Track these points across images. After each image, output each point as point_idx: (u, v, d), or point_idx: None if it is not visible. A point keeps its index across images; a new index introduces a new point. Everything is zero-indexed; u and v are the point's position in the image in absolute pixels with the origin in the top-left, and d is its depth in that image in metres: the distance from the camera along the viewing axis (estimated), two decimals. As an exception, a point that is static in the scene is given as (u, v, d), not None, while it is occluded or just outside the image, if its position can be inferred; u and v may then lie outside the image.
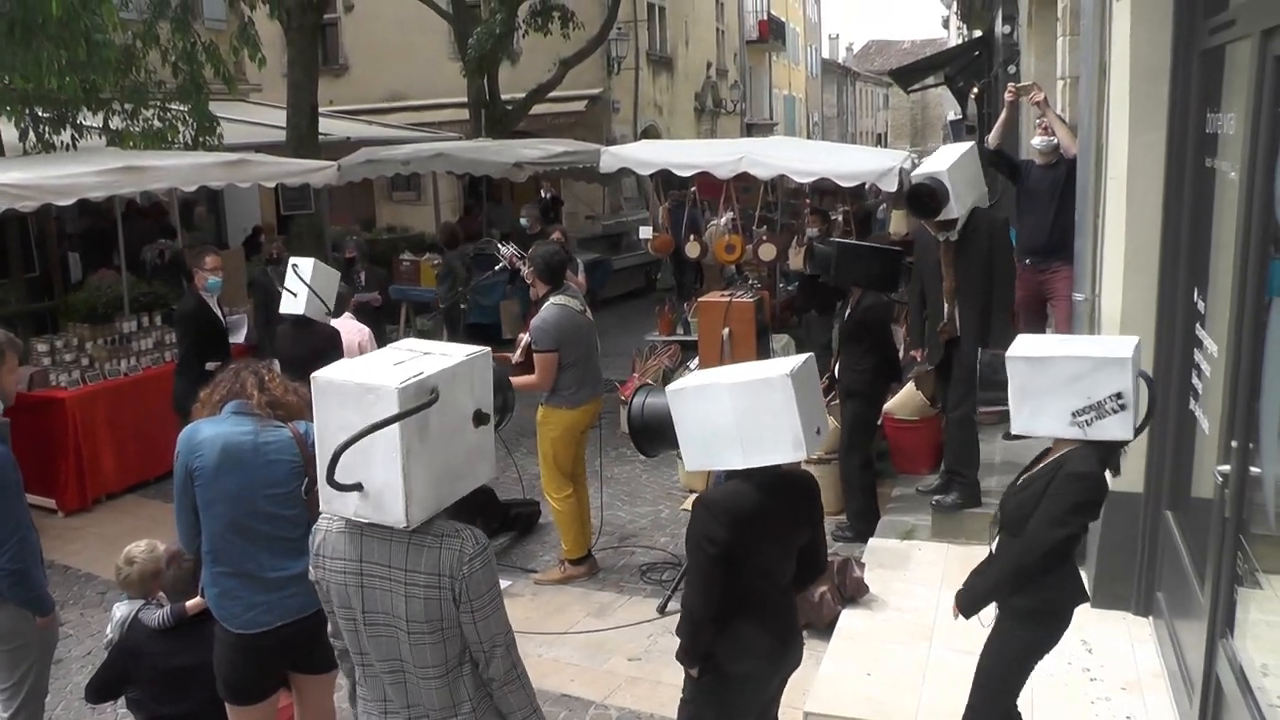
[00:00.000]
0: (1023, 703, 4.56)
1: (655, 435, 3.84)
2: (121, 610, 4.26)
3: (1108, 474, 3.58)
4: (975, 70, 18.59)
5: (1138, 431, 3.44)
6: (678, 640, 3.65)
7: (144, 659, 4.02)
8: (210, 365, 7.30)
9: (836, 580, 5.80)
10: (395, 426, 2.52)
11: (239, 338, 9.57)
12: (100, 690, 4.18)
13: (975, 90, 16.72)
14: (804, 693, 4.88)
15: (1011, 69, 13.04)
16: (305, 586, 3.67)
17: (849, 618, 5.65)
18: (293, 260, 7.25)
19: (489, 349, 2.86)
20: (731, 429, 3.38)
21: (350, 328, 7.51)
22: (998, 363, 4.23)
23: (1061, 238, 6.80)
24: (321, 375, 2.63)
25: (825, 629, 5.62)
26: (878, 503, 7.24)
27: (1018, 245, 7.32)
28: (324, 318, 7.18)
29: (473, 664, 2.80)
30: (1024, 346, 3.61)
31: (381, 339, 10.37)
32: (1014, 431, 3.74)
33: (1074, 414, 3.43)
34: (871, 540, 6.70)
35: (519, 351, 6.43)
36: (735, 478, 3.47)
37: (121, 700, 4.36)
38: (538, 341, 6.39)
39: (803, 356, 3.50)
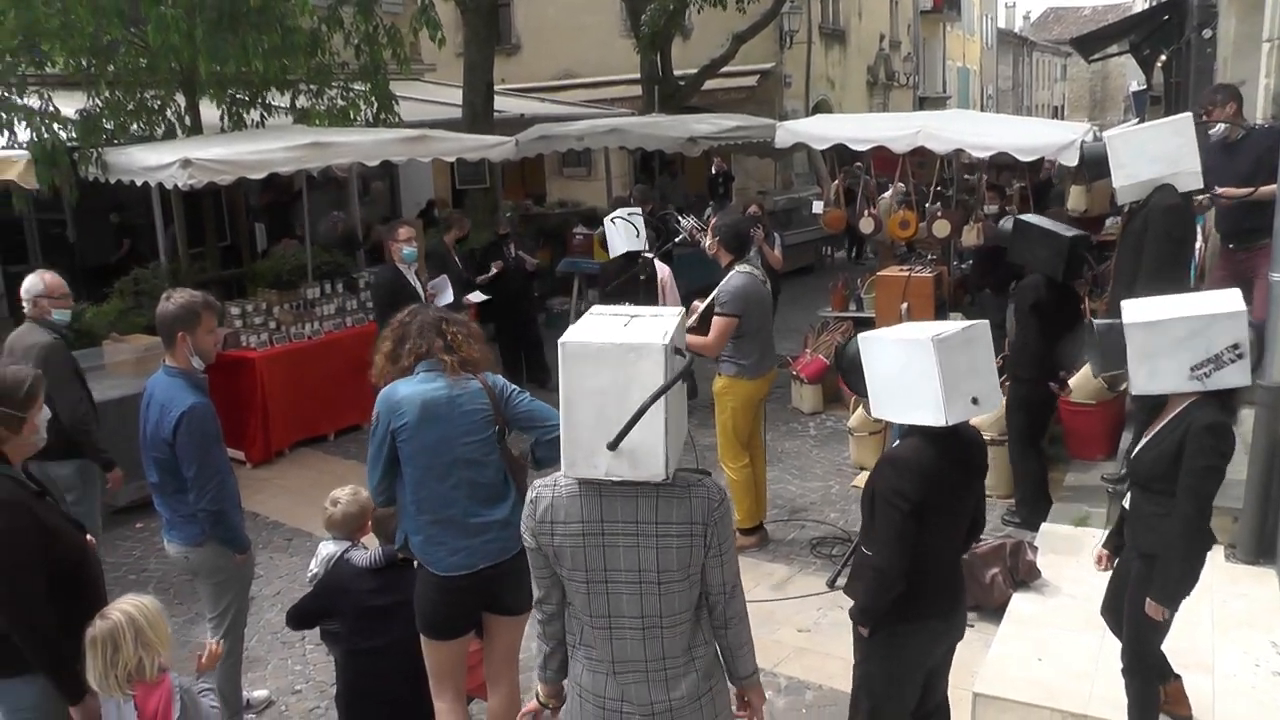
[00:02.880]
0: (1204, 700, 4.43)
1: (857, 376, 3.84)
2: (328, 549, 4.52)
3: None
4: (1164, 36, 17.63)
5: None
6: (847, 611, 3.69)
7: (349, 595, 4.24)
8: None
9: (1009, 563, 5.69)
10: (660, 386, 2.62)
11: (447, 298, 9.76)
12: (301, 618, 4.42)
13: (1163, 58, 15.88)
14: (973, 674, 4.82)
15: (1207, 33, 12.25)
16: (504, 532, 3.89)
17: (1020, 601, 5.54)
18: (626, 210, 8.74)
19: (683, 309, 2.94)
20: (892, 383, 3.47)
21: (660, 266, 8.72)
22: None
23: (1261, 218, 6.40)
24: (572, 341, 2.66)
25: (996, 611, 5.53)
26: (1049, 489, 7.05)
27: (1219, 228, 6.95)
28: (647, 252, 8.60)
29: (705, 607, 2.90)
30: (1136, 313, 3.83)
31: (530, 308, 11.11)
32: (1133, 393, 3.91)
33: (1193, 368, 3.67)
34: (1044, 525, 6.54)
35: (693, 318, 6.44)
36: (914, 435, 3.48)
37: (308, 634, 4.59)
38: (723, 304, 6.39)
39: (966, 323, 3.48)
